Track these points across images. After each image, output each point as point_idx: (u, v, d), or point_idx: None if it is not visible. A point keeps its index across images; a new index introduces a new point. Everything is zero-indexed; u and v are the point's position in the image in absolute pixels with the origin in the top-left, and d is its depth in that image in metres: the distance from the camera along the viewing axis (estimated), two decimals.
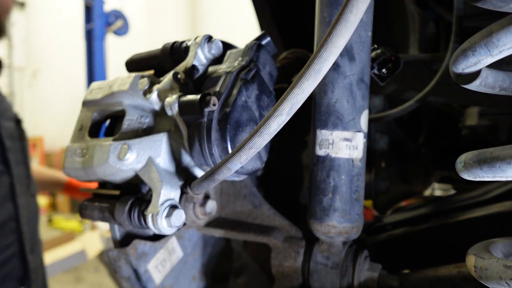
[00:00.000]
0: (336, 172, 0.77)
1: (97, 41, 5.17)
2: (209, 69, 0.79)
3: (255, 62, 0.76)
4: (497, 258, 0.53)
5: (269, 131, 0.53)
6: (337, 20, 0.46)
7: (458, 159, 0.56)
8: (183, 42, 0.82)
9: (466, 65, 0.52)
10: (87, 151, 0.78)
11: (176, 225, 0.69)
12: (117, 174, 0.74)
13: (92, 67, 5.25)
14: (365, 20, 0.76)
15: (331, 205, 0.78)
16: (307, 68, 0.49)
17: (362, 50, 0.77)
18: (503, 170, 0.49)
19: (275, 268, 0.87)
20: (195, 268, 0.99)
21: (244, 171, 0.74)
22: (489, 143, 1.32)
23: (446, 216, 1.12)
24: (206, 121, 0.70)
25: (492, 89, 0.57)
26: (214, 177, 0.61)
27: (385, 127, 1.38)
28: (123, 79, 0.81)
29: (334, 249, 0.83)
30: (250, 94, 0.74)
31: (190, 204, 0.89)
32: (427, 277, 0.84)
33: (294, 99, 0.50)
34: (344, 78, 0.76)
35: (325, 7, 0.76)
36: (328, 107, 0.77)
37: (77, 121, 0.86)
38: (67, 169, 0.81)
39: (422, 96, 1.02)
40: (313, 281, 0.84)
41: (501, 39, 0.47)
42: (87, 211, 0.82)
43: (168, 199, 0.70)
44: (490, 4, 0.48)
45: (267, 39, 0.82)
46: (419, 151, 1.48)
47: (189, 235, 0.96)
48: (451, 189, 1.67)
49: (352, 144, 0.77)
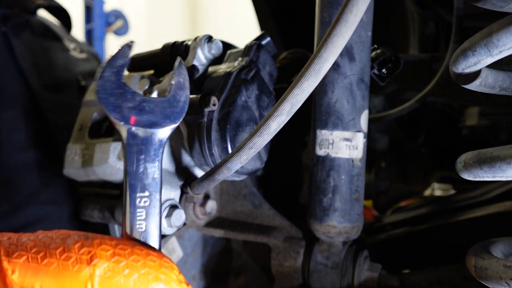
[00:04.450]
0: (336, 172, 0.77)
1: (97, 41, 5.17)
2: (209, 69, 0.79)
3: (255, 62, 0.76)
4: (497, 258, 0.53)
5: (269, 131, 0.53)
6: (337, 20, 0.46)
7: (458, 159, 0.56)
8: (183, 42, 0.82)
9: (466, 65, 0.52)
10: (87, 151, 0.78)
11: (176, 225, 0.69)
12: (117, 174, 0.74)
13: None
14: (365, 20, 0.76)
15: (331, 205, 0.78)
16: (307, 68, 0.49)
17: (362, 50, 0.77)
18: (503, 170, 0.49)
19: (275, 268, 0.87)
20: (195, 268, 0.99)
21: (244, 171, 0.74)
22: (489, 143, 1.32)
23: (446, 216, 1.12)
24: (206, 121, 0.70)
25: (492, 89, 0.57)
26: (214, 177, 0.61)
27: (385, 127, 1.38)
28: None
29: (334, 249, 0.83)
30: (250, 94, 0.74)
31: (190, 204, 0.89)
32: (427, 277, 0.84)
33: (294, 99, 0.50)
34: (344, 78, 0.76)
35: (325, 7, 0.76)
36: (328, 107, 0.77)
37: (77, 121, 0.86)
38: (67, 169, 0.81)
39: (422, 96, 1.02)
40: (313, 281, 0.84)
41: (501, 39, 0.47)
42: (87, 211, 0.82)
43: (168, 199, 0.70)
44: (490, 4, 0.48)
45: (267, 39, 0.82)
46: (419, 151, 1.48)
47: (189, 235, 0.96)
48: (451, 189, 1.67)
49: (352, 144, 0.77)
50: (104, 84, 0.51)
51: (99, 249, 0.46)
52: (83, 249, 0.46)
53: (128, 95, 0.52)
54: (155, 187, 0.53)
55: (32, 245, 0.46)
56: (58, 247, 0.46)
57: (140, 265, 0.47)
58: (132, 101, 0.53)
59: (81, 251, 0.46)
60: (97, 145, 0.76)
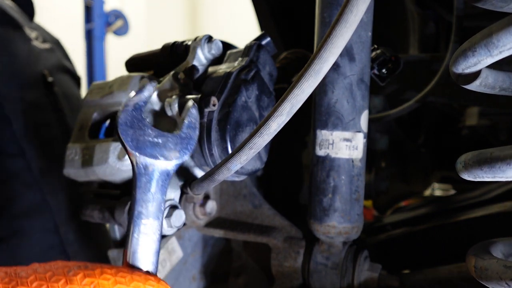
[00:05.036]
0: (336, 172, 0.77)
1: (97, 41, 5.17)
2: (209, 69, 0.79)
3: (255, 62, 0.76)
4: (497, 258, 0.53)
5: (269, 131, 0.53)
6: (337, 20, 0.46)
7: (458, 159, 0.56)
8: (183, 42, 0.82)
9: (466, 65, 0.52)
10: (87, 151, 0.78)
11: (176, 226, 0.69)
12: (117, 174, 0.74)
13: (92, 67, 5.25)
14: (365, 20, 0.76)
15: (331, 205, 0.78)
16: (307, 68, 0.49)
17: (362, 50, 0.77)
18: (503, 170, 0.49)
19: (275, 268, 0.87)
20: (195, 268, 0.99)
21: (244, 171, 0.74)
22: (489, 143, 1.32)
23: (446, 216, 1.12)
24: (206, 121, 0.70)
25: (492, 90, 0.57)
26: (214, 177, 0.61)
27: (385, 127, 1.38)
28: (123, 79, 0.81)
29: (334, 249, 0.83)
30: (250, 94, 0.74)
31: (190, 204, 0.89)
32: (427, 277, 0.84)
33: (294, 99, 0.50)
34: (344, 78, 0.76)
35: (325, 7, 0.76)
36: (328, 107, 0.77)
37: (77, 121, 0.86)
38: (67, 169, 0.81)
39: (422, 96, 1.02)
40: (313, 281, 0.84)
41: (501, 40, 0.46)
42: (87, 211, 0.82)
43: (168, 199, 0.70)
44: (490, 4, 0.48)
45: (267, 39, 0.82)
46: (419, 151, 1.48)
47: (189, 235, 0.96)
48: (451, 189, 1.67)
49: (352, 144, 0.77)
50: (126, 117, 0.56)
51: (101, 278, 0.47)
52: (85, 279, 0.46)
53: (148, 130, 0.58)
54: (158, 215, 0.56)
55: (32, 279, 0.46)
56: (59, 279, 0.46)
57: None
58: (148, 135, 0.57)
59: (83, 281, 0.46)
60: (97, 145, 0.76)
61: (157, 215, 0.56)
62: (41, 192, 1.12)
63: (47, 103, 1.22)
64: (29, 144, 1.10)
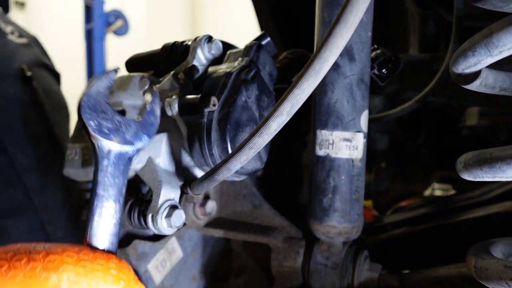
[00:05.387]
0: (336, 172, 0.77)
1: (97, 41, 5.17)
2: (209, 69, 0.79)
3: (255, 62, 0.76)
4: (497, 258, 0.53)
5: (269, 131, 0.53)
6: (337, 20, 0.46)
7: (458, 159, 0.56)
8: (183, 42, 0.82)
9: (466, 65, 0.52)
10: (87, 151, 0.78)
11: (176, 225, 0.69)
12: None
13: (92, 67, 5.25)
14: (365, 20, 0.76)
15: (331, 205, 0.78)
16: (307, 68, 0.49)
17: (362, 50, 0.76)
18: (503, 170, 0.49)
19: (275, 268, 0.87)
20: (195, 268, 0.99)
21: (244, 171, 0.74)
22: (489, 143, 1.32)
23: (446, 216, 1.12)
24: (206, 121, 0.70)
25: (492, 90, 0.57)
26: (214, 177, 0.61)
27: (385, 127, 1.38)
28: (123, 79, 0.81)
29: (334, 249, 0.83)
30: (250, 94, 0.73)
31: (190, 204, 0.89)
32: (427, 277, 0.84)
33: (294, 99, 0.50)
34: (344, 78, 0.76)
35: (325, 7, 0.76)
36: (328, 107, 0.77)
37: (77, 121, 0.86)
38: (67, 169, 0.81)
39: (422, 96, 1.02)
40: (313, 281, 0.84)
41: (501, 40, 0.46)
42: (86, 211, 0.82)
43: (168, 199, 0.70)
44: (490, 4, 0.48)
45: (267, 39, 0.82)
46: (419, 151, 1.48)
47: (189, 235, 0.96)
48: (451, 189, 1.67)
49: (352, 144, 0.77)
50: (89, 101, 0.57)
51: (64, 255, 0.47)
52: (48, 257, 0.46)
53: (109, 114, 0.58)
54: (119, 198, 0.58)
55: None
56: (21, 258, 0.45)
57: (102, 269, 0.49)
58: (111, 120, 0.58)
59: (46, 259, 0.46)
60: None
61: (117, 198, 0.57)
62: (24, 189, 1.10)
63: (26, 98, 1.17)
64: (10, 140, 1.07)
